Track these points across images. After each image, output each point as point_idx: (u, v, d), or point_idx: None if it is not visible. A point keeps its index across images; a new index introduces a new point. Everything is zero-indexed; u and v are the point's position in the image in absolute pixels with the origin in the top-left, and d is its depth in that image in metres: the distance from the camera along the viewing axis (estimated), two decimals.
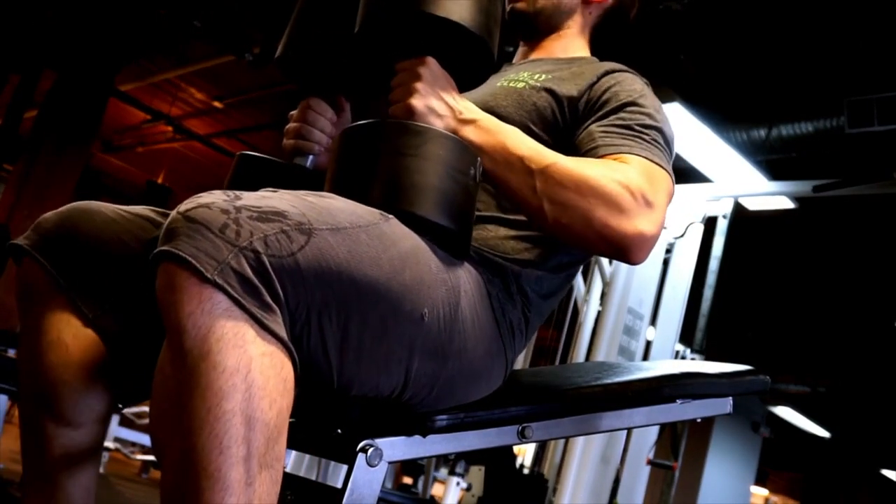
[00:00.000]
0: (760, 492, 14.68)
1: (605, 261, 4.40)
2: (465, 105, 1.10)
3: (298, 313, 0.82)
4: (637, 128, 1.14)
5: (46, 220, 1.06)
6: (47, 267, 1.03)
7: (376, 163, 0.99)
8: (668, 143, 1.17)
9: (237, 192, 0.84)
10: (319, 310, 0.84)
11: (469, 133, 1.08)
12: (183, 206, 0.80)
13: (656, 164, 1.11)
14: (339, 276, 0.85)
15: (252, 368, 0.77)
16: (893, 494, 13.30)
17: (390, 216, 0.95)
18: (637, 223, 1.04)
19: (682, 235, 4.55)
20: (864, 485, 13.28)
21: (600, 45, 1.38)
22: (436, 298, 0.97)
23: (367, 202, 0.95)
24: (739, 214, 5.04)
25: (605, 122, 1.16)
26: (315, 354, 0.86)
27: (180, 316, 0.76)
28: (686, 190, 4.97)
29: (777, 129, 4.51)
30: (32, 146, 6.51)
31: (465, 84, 1.13)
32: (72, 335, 1.03)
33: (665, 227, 4.43)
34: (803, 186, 4.69)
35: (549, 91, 1.24)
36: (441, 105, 1.07)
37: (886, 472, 12.78)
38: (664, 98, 4.36)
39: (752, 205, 5.17)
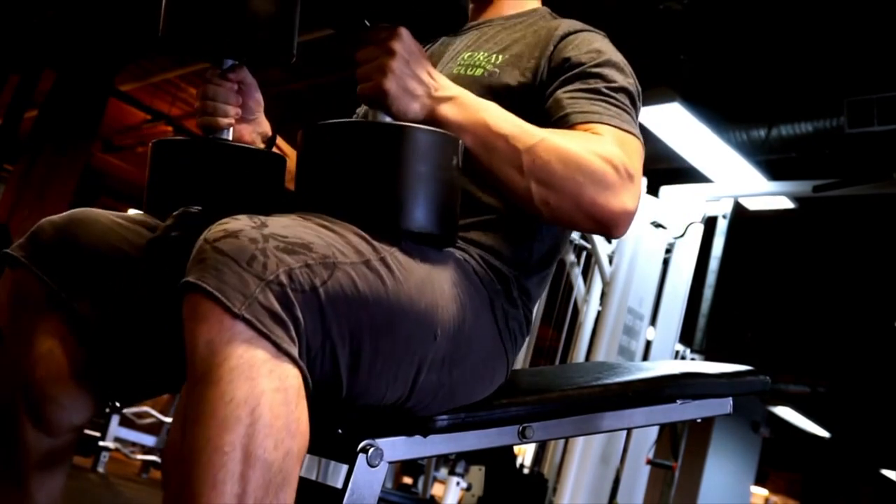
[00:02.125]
0: (760, 492, 14.68)
1: (605, 261, 4.40)
2: (441, 81, 1.03)
3: (313, 342, 0.82)
4: (605, 91, 1.11)
5: (43, 231, 1.05)
6: (44, 278, 1.03)
7: (353, 175, 0.93)
8: (634, 103, 1.14)
9: (262, 219, 0.83)
10: (334, 338, 0.83)
11: (447, 111, 1.01)
12: (211, 235, 0.80)
13: (627, 131, 1.08)
14: (358, 308, 0.85)
15: (261, 403, 0.75)
16: (893, 494, 13.29)
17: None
18: (623, 200, 1.01)
19: (682, 235, 4.55)
20: (864, 485, 13.28)
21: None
22: (446, 318, 0.97)
23: (348, 219, 0.91)
24: (739, 214, 5.05)
25: (571, 86, 1.12)
26: (325, 376, 0.85)
27: (199, 343, 0.76)
28: (686, 190, 4.97)
29: (777, 129, 4.51)
30: (32, 146, 6.50)
31: (434, 34, 1.05)
32: (64, 348, 1.03)
33: (665, 227, 4.45)
34: (803, 186, 4.69)
35: (510, 73, 1.19)
36: (415, 84, 0.98)
37: (886, 472, 12.77)
38: (664, 98, 4.38)
39: (752, 205, 5.17)
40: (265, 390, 0.75)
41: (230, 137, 1.16)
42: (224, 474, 0.73)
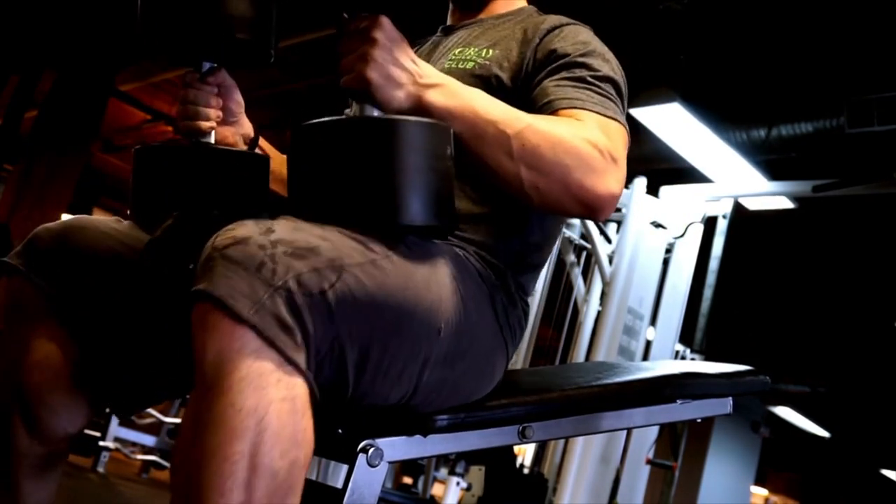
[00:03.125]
0: (760, 492, 14.68)
1: (605, 261, 4.40)
2: (426, 69, 1.01)
3: (322, 346, 0.82)
4: (589, 79, 1.12)
5: (39, 238, 1.06)
6: (41, 284, 1.03)
7: (346, 174, 0.90)
8: (619, 94, 1.16)
9: (268, 223, 0.83)
10: (343, 341, 0.84)
11: (434, 97, 0.99)
12: (219, 242, 0.80)
13: (610, 118, 1.09)
14: (367, 308, 0.85)
15: (269, 412, 0.76)
16: (893, 494, 13.30)
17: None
18: (609, 183, 1.02)
19: (682, 235, 4.55)
20: (864, 485, 13.28)
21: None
22: (449, 313, 0.97)
23: (345, 219, 0.90)
24: (739, 214, 5.05)
25: (557, 76, 1.13)
26: (332, 378, 0.85)
27: (209, 352, 0.76)
28: (686, 190, 4.97)
29: (777, 129, 4.51)
30: (32, 146, 6.50)
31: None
32: (61, 354, 1.03)
33: (665, 227, 4.45)
34: (803, 186, 4.70)
35: (500, 65, 1.21)
36: (399, 72, 0.96)
37: (886, 472, 12.78)
38: (664, 98, 4.38)
39: (752, 205, 5.18)
40: (273, 400, 0.76)
41: (213, 140, 1.16)
42: (231, 483, 0.74)
